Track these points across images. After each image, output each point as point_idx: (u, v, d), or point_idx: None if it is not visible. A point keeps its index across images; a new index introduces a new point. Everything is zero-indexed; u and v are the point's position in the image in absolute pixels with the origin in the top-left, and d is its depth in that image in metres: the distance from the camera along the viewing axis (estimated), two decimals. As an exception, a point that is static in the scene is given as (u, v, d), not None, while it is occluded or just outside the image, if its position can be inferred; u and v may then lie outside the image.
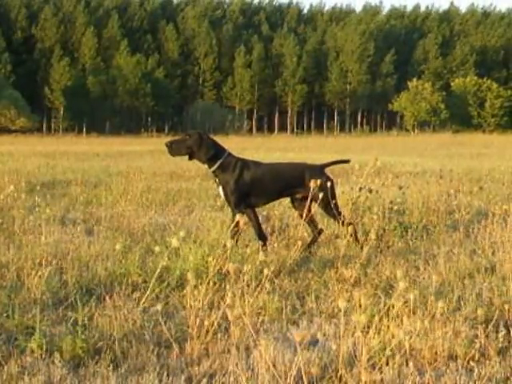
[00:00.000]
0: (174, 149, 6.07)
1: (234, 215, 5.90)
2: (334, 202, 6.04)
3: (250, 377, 3.28)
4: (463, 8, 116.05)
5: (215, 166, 5.93)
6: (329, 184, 5.92)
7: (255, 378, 3.28)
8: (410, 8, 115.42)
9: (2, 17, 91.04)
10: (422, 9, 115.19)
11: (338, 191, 7.43)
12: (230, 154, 6.00)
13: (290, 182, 6.06)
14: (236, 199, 5.87)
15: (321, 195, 5.82)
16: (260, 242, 5.86)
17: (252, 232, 6.14)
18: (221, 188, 5.97)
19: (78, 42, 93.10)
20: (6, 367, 3.37)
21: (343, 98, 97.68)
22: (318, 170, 6.14)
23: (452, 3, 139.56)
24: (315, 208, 6.07)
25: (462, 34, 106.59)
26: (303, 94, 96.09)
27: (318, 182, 5.76)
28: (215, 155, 5.94)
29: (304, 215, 5.95)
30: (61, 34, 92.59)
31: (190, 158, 6.08)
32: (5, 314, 4.08)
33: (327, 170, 6.32)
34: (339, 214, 6.11)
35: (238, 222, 5.74)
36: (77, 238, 6.48)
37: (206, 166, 6.04)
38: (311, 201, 5.91)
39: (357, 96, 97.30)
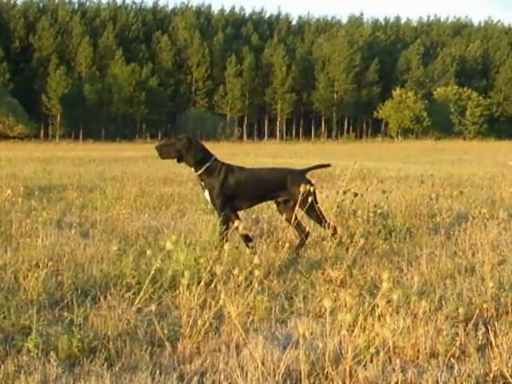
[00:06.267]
0: (163, 152, 6.19)
1: (220, 218, 6.03)
2: (316, 205, 6.16)
3: (239, 374, 3.32)
4: (442, 18, 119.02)
5: (201, 170, 6.05)
6: (310, 188, 6.04)
7: (245, 376, 3.33)
8: (392, 19, 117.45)
9: (0, 27, 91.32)
10: (403, 20, 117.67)
11: (323, 195, 7.55)
12: (216, 159, 6.12)
13: (272, 185, 6.18)
14: (221, 202, 5.99)
15: (302, 199, 5.93)
16: (250, 244, 5.97)
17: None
18: (207, 191, 6.09)
19: (75, 52, 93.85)
20: (2, 366, 3.39)
21: (330, 106, 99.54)
22: (300, 175, 6.25)
23: (434, 15, 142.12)
24: (298, 212, 6.18)
25: (442, 44, 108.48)
26: (292, 102, 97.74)
27: (304, 186, 5.88)
28: (202, 159, 6.06)
29: (292, 219, 6.09)
30: (57, 44, 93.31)
31: (179, 161, 6.20)
32: (2, 315, 4.12)
33: (309, 175, 6.42)
34: (322, 217, 6.22)
35: (227, 225, 5.90)
36: (73, 240, 6.53)
37: (193, 169, 6.16)
38: (295, 205, 6.03)
39: (343, 104, 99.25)
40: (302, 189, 5.84)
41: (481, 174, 15.78)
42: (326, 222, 6.20)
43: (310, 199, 5.96)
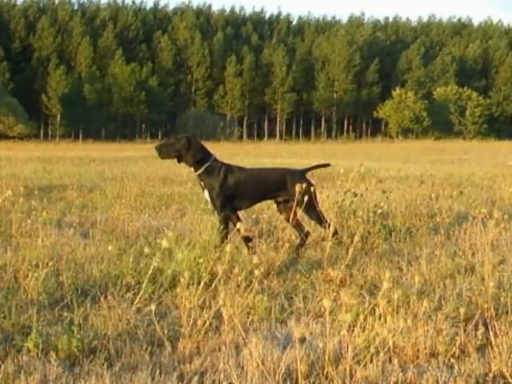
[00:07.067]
0: (163, 152, 6.20)
1: (220, 218, 6.05)
2: (316, 205, 6.17)
3: (239, 374, 3.34)
4: (442, 18, 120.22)
5: (201, 170, 6.07)
6: (310, 188, 6.05)
7: (245, 376, 3.34)
8: (392, 19, 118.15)
9: (0, 27, 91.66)
10: (403, 20, 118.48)
11: (323, 195, 7.55)
12: (215, 159, 6.13)
13: (272, 185, 6.20)
14: (221, 202, 6.00)
15: (301, 199, 5.94)
16: (250, 244, 5.98)
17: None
18: (206, 191, 6.10)
19: (75, 51, 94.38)
20: (2, 366, 3.39)
21: (330, 106, 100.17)
22: (299, 175, 6.27)
23: (434, 15, 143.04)
24: (299, 212, 6.19)
25: (442, 44, 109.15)
26: (292, 102, 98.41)
27: (303, 186, 5.89)
28: (202, 159, 6.07)
29: (291, 219, 6.10)
30: (58, 44, 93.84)
31: (179, 161, 6.21)
32: (2, 315, 4.13)
33: (309, 175, 6.44)
34: (322, 217, 6.23)
35: (227, 225, 5.91)
36: (73, 240, 6.55)
37: (192, 169, 6.17)
38: (294, 205, 6.05)
39: (343, 104, 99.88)
40: (298, 188, 5.84)
41: (481, 174, 15.80)
42: (326, 222, 6.21)
43: (309, 199, 5.97)
